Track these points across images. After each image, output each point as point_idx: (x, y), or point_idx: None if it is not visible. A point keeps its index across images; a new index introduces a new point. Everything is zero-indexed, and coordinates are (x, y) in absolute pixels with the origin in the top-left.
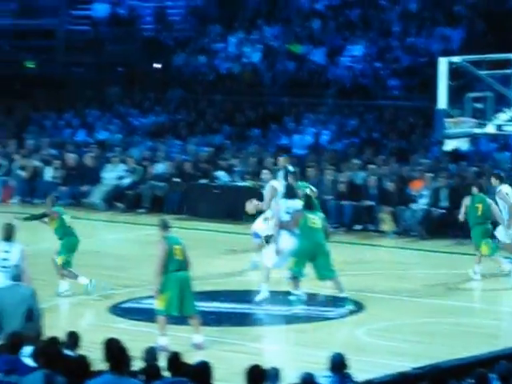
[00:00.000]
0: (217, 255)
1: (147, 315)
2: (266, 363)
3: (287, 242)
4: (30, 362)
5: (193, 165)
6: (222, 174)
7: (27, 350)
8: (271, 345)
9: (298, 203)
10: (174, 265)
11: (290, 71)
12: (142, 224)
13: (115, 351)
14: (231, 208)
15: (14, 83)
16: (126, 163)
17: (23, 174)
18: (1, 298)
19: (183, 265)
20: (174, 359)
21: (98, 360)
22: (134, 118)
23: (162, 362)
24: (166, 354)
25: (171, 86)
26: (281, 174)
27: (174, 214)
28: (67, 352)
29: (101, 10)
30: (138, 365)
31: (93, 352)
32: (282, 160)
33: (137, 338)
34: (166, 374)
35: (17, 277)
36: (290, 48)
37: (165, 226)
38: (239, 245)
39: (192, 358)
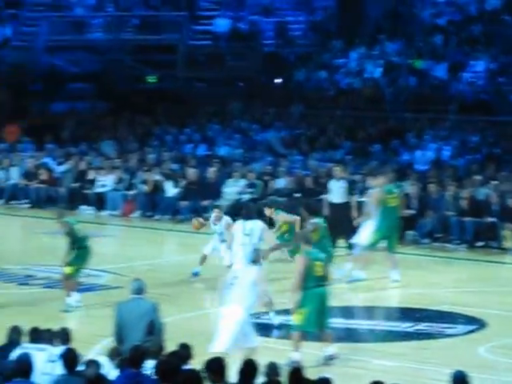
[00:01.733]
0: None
1: (266, 331)
2: (389, 380)
3: None
4: (152, 376)
5: (314, 180)
6: None
7: (149, 364)
8: (393, 361)
9: None
10: (313, 281)
11: (412, 86)
12: None
13: (248, 369)
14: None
15: (136, 98)
16: (246, 178)
17: (144, 188)
18: (122, 311)
19: (323, 281)
20: (296, 374)
21: None
22: (255, 133)
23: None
24: (288, 369)
25: (292, 101)
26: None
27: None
28: (184, 366)
29: (222, 24)
30: (259, 381)
31: None
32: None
33: (257, 353)
34: None
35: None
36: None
37: (307, 241)
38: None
39: (316, 373)
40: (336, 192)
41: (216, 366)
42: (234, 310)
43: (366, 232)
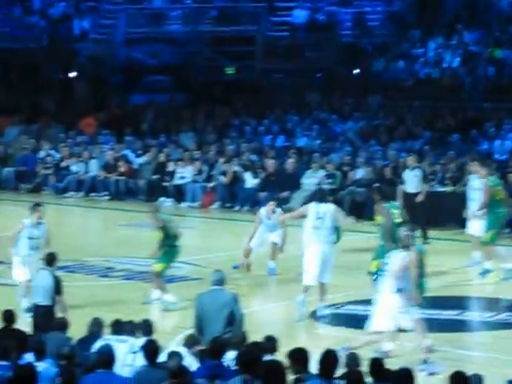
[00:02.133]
0: None
1: (348, 321)
2: (471, 370)
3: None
4: (233, 367)
5: (392, 170)
6: None
7: (230, 355)
8: (476, 351)
9: None
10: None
11: (490, 76)
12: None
13: (329, 359)
14: (431, 214)
15: (215, 89)
16: (325, 169)
17: (224, 179)
18: (202, 302)
19: (424, 273)
20: (376, 365)
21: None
22: (334, 124)
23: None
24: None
25: (370, 92)
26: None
27: (374, 220)
28: (266, 357)
29: (300, 16)
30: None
31: None
32: None
33: (337, 344)
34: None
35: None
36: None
37: (414, 236)
38: (440, 251)
39: (399, 364)
40: (410, 181)
41: (299, 355)
42: (388, 296)
43: (478, 223)
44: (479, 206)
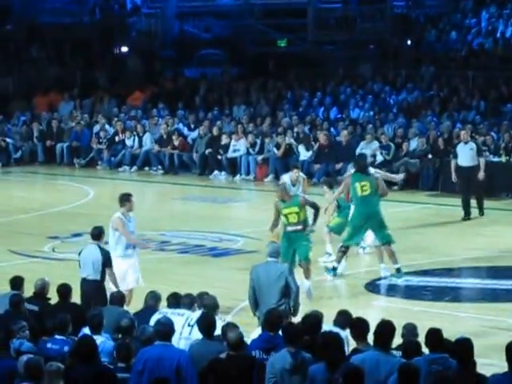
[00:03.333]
0: (473, 231)
1: (402, 292)
2: None
3: None
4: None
5: (446, 141)
6: None
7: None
8: None
9: None
10: None
11: None
12: (396, 201)
13: (386, 330)
14: (485, 184)
15: (267, 62)
16: (379, 140)
17: (277, 151)
18: (257, 274)
19: None
20: (434, 335)
21: None
22: (387, 95)
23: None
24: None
25: (423, 63)
26: None
27: (429, 190)
28: (336, 329)
29: None
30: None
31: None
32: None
33: (393, 315)
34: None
35: None
36: None
37: None
38: (495, 222)
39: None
40: (464, 155)
41: (357, 326)
42: None
43: None
44: None
